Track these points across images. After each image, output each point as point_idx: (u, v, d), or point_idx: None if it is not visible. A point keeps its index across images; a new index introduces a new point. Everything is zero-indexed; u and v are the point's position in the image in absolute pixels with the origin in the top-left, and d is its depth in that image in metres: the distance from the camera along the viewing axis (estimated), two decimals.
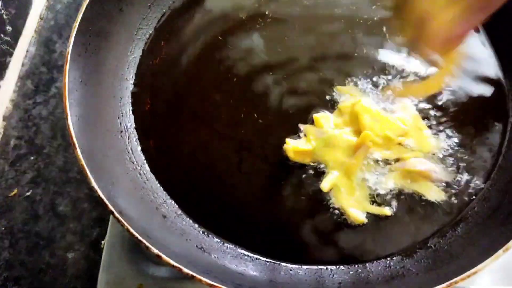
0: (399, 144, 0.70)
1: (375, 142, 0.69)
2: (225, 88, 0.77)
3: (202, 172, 0.72)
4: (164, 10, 0.83)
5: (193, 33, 0.82)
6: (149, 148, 0.74)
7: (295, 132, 0.72)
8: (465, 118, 0.73)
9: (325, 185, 0.69)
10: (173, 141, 0.74)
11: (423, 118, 0.72)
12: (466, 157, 0.71)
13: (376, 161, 0.70)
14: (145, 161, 0.74)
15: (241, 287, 0.63)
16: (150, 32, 0.82)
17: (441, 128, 0.72)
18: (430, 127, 0.72)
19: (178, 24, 0.83)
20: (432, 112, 0.73)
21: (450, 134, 0.72)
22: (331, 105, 0.74)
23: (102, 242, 0.75)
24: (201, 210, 0.70)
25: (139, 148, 0.75)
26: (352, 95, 0.74)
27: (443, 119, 0.73)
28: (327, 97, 0.74)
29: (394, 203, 0.69)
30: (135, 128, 0.76)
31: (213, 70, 0.79)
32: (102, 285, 0.71)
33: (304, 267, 0.67)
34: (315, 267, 0.67)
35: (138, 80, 0.79)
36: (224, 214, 0.70)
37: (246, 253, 0.68)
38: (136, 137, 0.75)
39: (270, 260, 0.67)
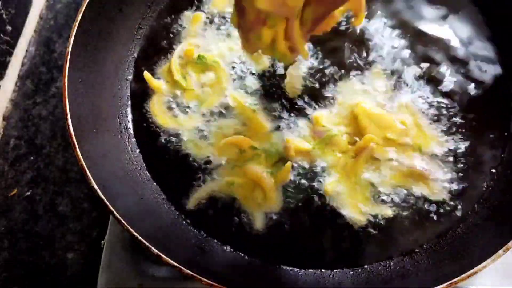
0: (401, 145, 0.70)
1: (377, 143, 0.69)
2: None
3: (202, 173, 0.72)
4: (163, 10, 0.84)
5: None
6: (149, 148, 0.74)
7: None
8: (467, 118, 0.73)
9: (327, 186, 0.69)
10: (173, 141, 0.74)
11: (425, 117, 0.72)
12: (467, 157, 0.71)
13: (377, 162, 0.70)
14: (144, 161, 0.74)
15: (241, 287, 0.63)
16: (150, 32, 0.82)
17: (443, 127, 0.72)
18: (432, 124, 0.72)
19: None
20: (434, 111, 0.73)
21: (452, 133, 0.72)
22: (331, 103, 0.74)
23: (102, 242, 0.75)
24: (201, 211, 0.70)
25: (138, 148, 0.75)
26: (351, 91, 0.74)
27: (446, 119, 0.73)
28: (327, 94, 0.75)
29: (395, 204, 0.69)
30: (135, 128, 0.76)
31: None
32: (102, 285, 0.71)
33: (304, 268, 0.67)
34: (316, 268, 0.67)
35: (137, 80, 0.79)
36: (224, 216, 0.70)
37: (245, 255, 0.68)
38: (136, 137, 0.75)
39: (270, 263, 0.67)
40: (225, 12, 0.82)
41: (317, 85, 0.75)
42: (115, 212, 0.59)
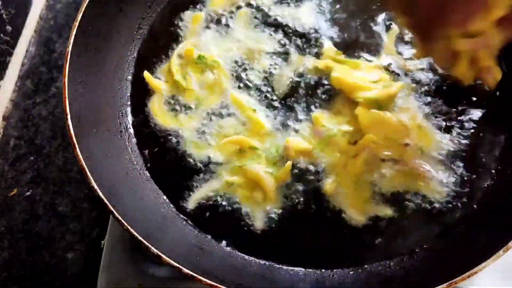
0: (401, 145, 0.70)
1: (377, 143, 0.69)
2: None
3: (202, 173, 0.72)
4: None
5: None
6: (149, 148, 0.74)
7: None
8: (468, 118, 0.73)
9: (327, 186, 0.69)
10: (173, 141, 0.74)
11: (425, 117, 0.73)
12: (468, 157, 0.71)
13: (377, 162, 0.70)
14: (144, 161, 0.74)
15: (241, 287, 0.63)
16: (150, 32, 0.82)
17: (443, 127, 0.72)
18: (432, 124, 0.72)
19: None
20: (434, 112, 0.73)
21: (452, 133, 0.72)
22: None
23: (102, 242, 0.75)
24: (201, 211, 0.70)
25: (138, 148, 0.75)
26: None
27: (446, 119, 0.73)
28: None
29: (395, 203, 0.68)
30: (135, 128, 0.76)
31: None
32: (102, 285, 0.71)
33: (304, 268, 0.67)
34: (316, 268, 0.67)
35: (137, 80, 0.79)
36: (224, 216, 0.70)
37: (245, 255, 0.68)
38: (136, 137, 0.75)
39: (270, 263, 0.67)
40: (225, 13, 0.82)
41: (315, 85, 0.75)
42: (115, 212, 0.59)
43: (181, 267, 0.56)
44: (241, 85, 0.76)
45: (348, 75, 0.73)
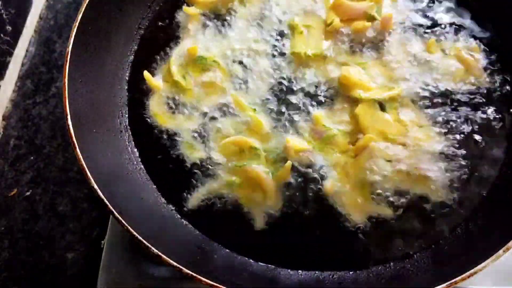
0: (400, 144, 0.70)
1: (377, 144, 0.69)
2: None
3: (202, 173, 0.72)
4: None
5: None
6: (149, 148, 0.74)
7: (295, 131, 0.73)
8: (468, 118, 0.73)
9: (326, 186, 0.69)
10: (173, 141, 0.74)
11: (426, 117, 0.73)
12: (468, 157, 0.71)
13: (377, 162, 0.70)
14: (144, 161, 0.74)
15: (241, 287, 0.63)
16: (150, 32, 0.82)
17: (443, 127, 0.72)
18: (432, 124, 0.72)
19: None
20: (435, 111, 0.73)
21: (453, 134, 0.72)
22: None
23: (102, 242, 0.75)
24: (201, 211, 0.70)
25: (138, 148, 0.74)
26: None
27: (446, 119, 0.73)
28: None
29: (395, 204, 0.68)
30: (134, 128, 0.76)
31: None
32: (102, 285, 0.71)
33: (305, 268, 0.67)
34: (316, 269, 0.67)
35: (137, 80, 0.79)
36: (224, 216, 0.69)
37: (245, 255, 0.68)
38: (136, 137, 0.75)
39: (270, 263, 0.67)
40: (226, 12, 0.82)
41: (316, 85, 0.75)
42: (115, 212, 0.59)
43: (181, 267, 0.56)
44: (241, 85, 0.76)
45: (356, 74, 0.74)
